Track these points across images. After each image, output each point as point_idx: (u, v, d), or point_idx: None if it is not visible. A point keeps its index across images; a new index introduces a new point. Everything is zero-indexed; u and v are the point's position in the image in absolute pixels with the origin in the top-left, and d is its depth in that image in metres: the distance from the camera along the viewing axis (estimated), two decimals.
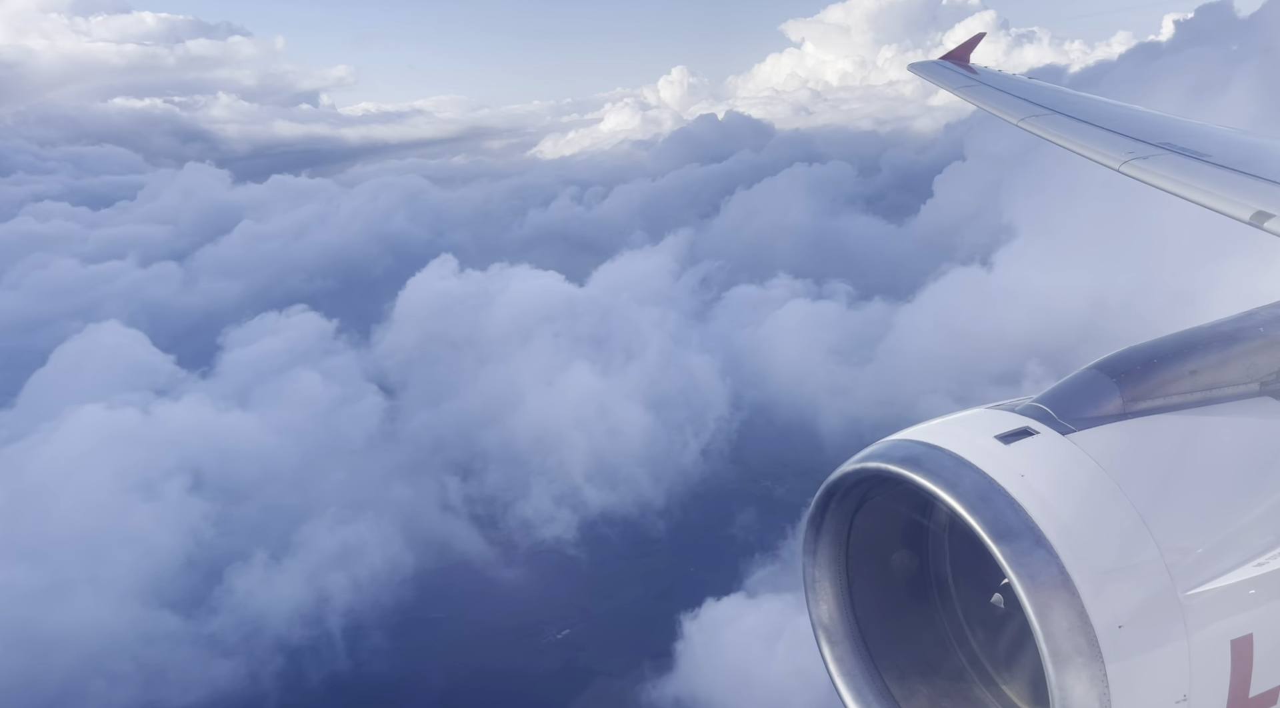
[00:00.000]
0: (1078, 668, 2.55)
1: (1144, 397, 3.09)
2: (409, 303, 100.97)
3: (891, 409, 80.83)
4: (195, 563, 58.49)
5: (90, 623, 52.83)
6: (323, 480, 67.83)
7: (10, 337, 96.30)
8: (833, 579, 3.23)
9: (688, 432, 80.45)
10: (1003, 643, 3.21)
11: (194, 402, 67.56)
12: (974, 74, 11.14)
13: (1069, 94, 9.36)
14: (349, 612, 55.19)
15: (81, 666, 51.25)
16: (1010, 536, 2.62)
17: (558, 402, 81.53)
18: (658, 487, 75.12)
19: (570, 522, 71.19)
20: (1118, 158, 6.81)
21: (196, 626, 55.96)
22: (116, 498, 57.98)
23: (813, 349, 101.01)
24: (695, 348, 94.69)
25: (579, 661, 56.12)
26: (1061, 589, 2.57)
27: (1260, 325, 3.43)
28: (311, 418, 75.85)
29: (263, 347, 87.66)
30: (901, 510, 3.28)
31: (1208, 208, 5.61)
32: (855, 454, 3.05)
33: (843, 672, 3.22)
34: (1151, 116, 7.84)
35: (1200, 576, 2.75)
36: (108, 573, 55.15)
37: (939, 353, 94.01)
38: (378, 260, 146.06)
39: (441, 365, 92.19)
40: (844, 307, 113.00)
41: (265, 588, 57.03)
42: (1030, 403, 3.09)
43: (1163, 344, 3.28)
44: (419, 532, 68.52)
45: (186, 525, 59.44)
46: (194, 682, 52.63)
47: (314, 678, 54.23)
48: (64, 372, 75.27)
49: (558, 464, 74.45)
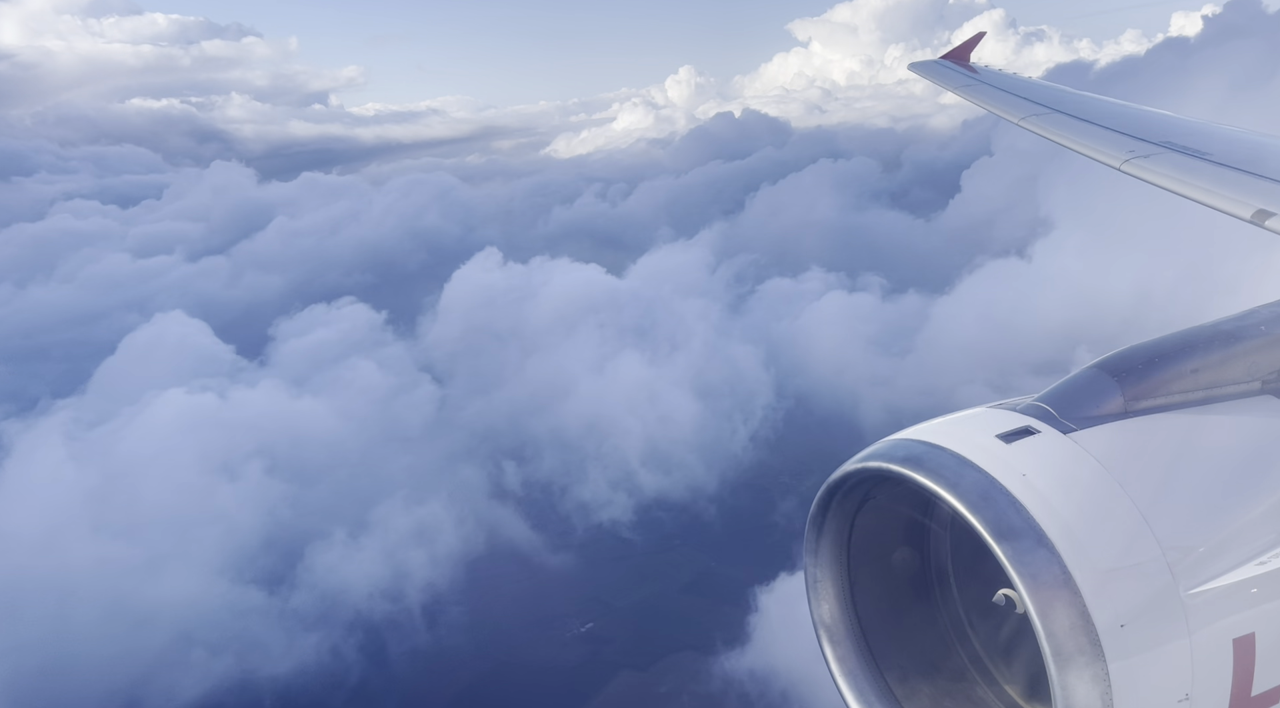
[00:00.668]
0: (1080, 667, 2.56)
1: (1145, 395, 3.10)
2: (454, 295, 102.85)
3: (932, 399, 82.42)
4: (275, 542, 60.46)
5: (182, 597, 54.85)
6: (389, 464, 69.75)
7: (70, 329, 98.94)
8: (834, 579, 3.23)
9: (736, 419, 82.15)
10: (1005, 642, 3.22)
11: (268, 387, 69.62)
12: (974, 73, 11.18)
13: (1069, 93, 9.38)
14: (428, 586, 57.11)
15: (177, 637, 53.27)
16: (1012, 535, 2.63)
17: (608, 390, 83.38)
18: (710, 473, 76.85)
19: (626, 505, 72.95)
20: (1118, 157, 6.80)
21: (280, 601, 57.89)
22: (200, 479, 60.06)
23: (852, 340, 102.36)
24: (737, 339, 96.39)
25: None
26: (1063, 588, 2.57)
27: (1261, 324, 3.42)
28: (371, 405, 77.85)
29: (317, 337, 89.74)
30: (903, 510, 3.28)
31: (1209, 206, 5.61)
32: (856, 453, 3.06)
33: (845, 671, 3.23)
34: (1152, 115, 7.84)
35: (1202, 574, 2.75)
36: (196, 550, 57.17)
37: (979, 343, 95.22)
38: (412, 255, 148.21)
39: (489, 356, 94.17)
40: (879, 299, 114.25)
41: (344, 566, 58.96)
42: (1031, 402, 3.10)
43: (1164, 343, 3.28)
44: (478, 516, 70.46)
45: (266, 506, 61.41)
46: (281, 654, 54.56)
47: (395, 651, 56.15)
48: (133, 359, 77.48)
49: (612, 450, 76.24)
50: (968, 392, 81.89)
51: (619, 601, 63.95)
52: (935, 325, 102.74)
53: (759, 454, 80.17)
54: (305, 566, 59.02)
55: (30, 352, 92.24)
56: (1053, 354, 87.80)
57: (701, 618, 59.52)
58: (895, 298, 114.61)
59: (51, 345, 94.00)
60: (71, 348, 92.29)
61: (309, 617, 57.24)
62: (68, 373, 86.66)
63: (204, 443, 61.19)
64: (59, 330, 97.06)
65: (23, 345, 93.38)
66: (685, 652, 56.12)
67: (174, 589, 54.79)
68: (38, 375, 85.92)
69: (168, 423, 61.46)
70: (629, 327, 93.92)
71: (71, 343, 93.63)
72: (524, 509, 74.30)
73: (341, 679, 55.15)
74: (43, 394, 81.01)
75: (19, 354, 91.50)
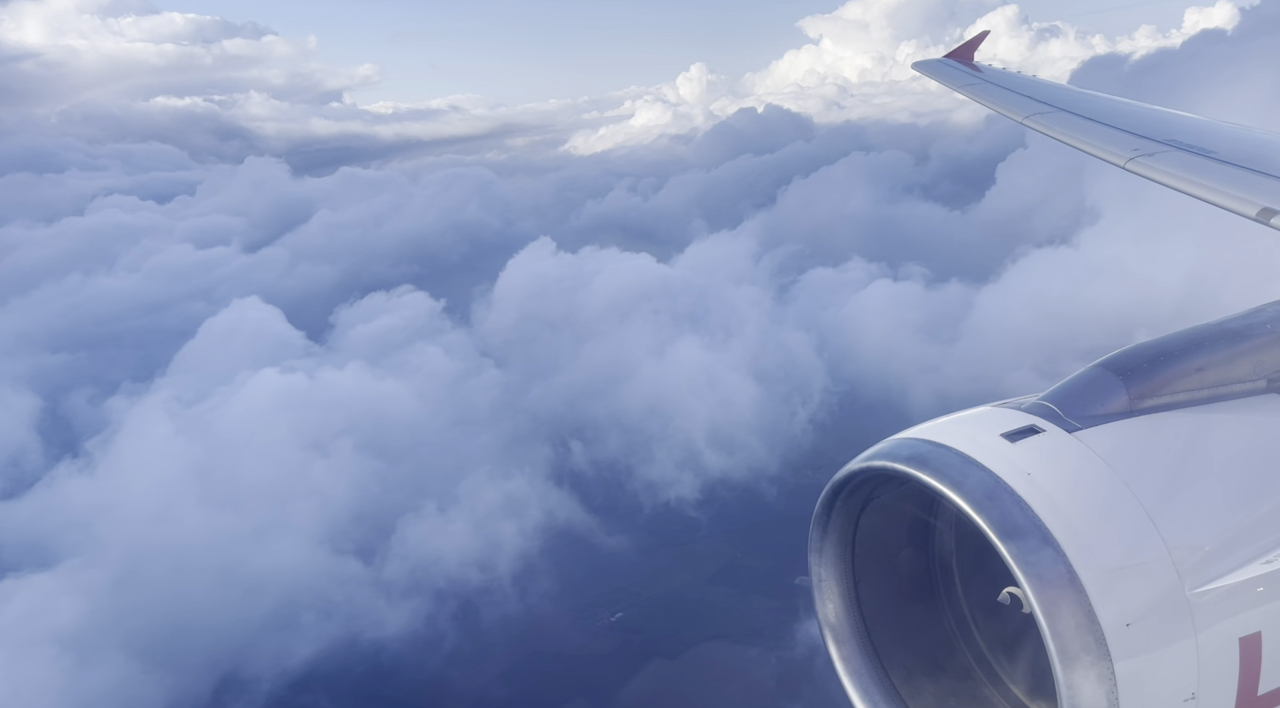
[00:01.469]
0: (1085, 666, 2.55)
1: (1150, 394, 3.08)
2: (508, 284, 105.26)
3: (980, 385, 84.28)
4: (367, 515, 63.01)
5: (286, 565, 57.46)
6: (467, 444, 72.21)
7: (139, 316, 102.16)
8: (839, 578, 3.23)
9: (795, 403, 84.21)
10: (1010, 641, 3.21)
11: (353, 369, 72.30)
12: (978, 72, 11.19)
13: (1073, 91, 9.35)
14: (522, 555, 59.48)
15: (284, 603, 55.88)
16: (1017, 534, 2.63)
17: (667, 374, 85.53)
18: (772, 454, 78.95)
19: (693, 484, 75.13)
20: (1123, 155, 6.79)
21: (375, 570, 60.45)
22: (295, 454, 62.66)
23: (899, 328, 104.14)
24: (789, 325, 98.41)
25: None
26: (1069, 588, 2.57)
27: (1267, 323, 3.41)
28: (442, 388, 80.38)
29: (382, 323, 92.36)
30: (908, 509, 3.27)
31: (1214, 205, 5.58)
32: (861, 453, 3.05)
33: (850, 671, 3.22)
34: (1157, 113, 7.81)
35: (1208, 573, 2.74)
36: (295, 521, 59.77)
37: (1026, 330, 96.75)
38: (454, 247, 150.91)
39: (546, 342, 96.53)
40: (923, 288, 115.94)
41: (434, 539, 61.46)
42: (1036, 401, 3.09)
43: (1169, 342, 3.27)
44: (551, 495, 72.78)
45: (357, 481, 63.96)
46: (380, 619, 57.13)
47: (487, 618, 58.59)
48: (214, 343, 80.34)
49: (677, 431, 78.39)
50: (1016, 377, 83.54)
51: (647, 590, 62.82)
52: (981, 313, 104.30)
53: (817, 438, 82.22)
54: (398, 538, 61.50)
55: (103, 338, 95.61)
56: (1103, 340, 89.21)
57: (732, 607, 60.47)
58: (938, 287, 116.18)
59: (123, 332, 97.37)
60: (143, 335, 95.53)
61: (403, 585, 59.78)
62: (143, 358, 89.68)
63: (297, 420, 63.90)
64: (129, 318, 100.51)
65: (96, 332, 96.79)
66: (716, 641, 56.11)
67: (279, 558, 57.39)
68: (115, 361, 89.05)
69: (262, 401, 64.21)
70: (683, 313, 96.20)
71: (142, 330, 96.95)
72: (593, 489, 76.58)
73: (437, 644, 57.69)
74: (123, 378, 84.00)
75: (93, 340, 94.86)
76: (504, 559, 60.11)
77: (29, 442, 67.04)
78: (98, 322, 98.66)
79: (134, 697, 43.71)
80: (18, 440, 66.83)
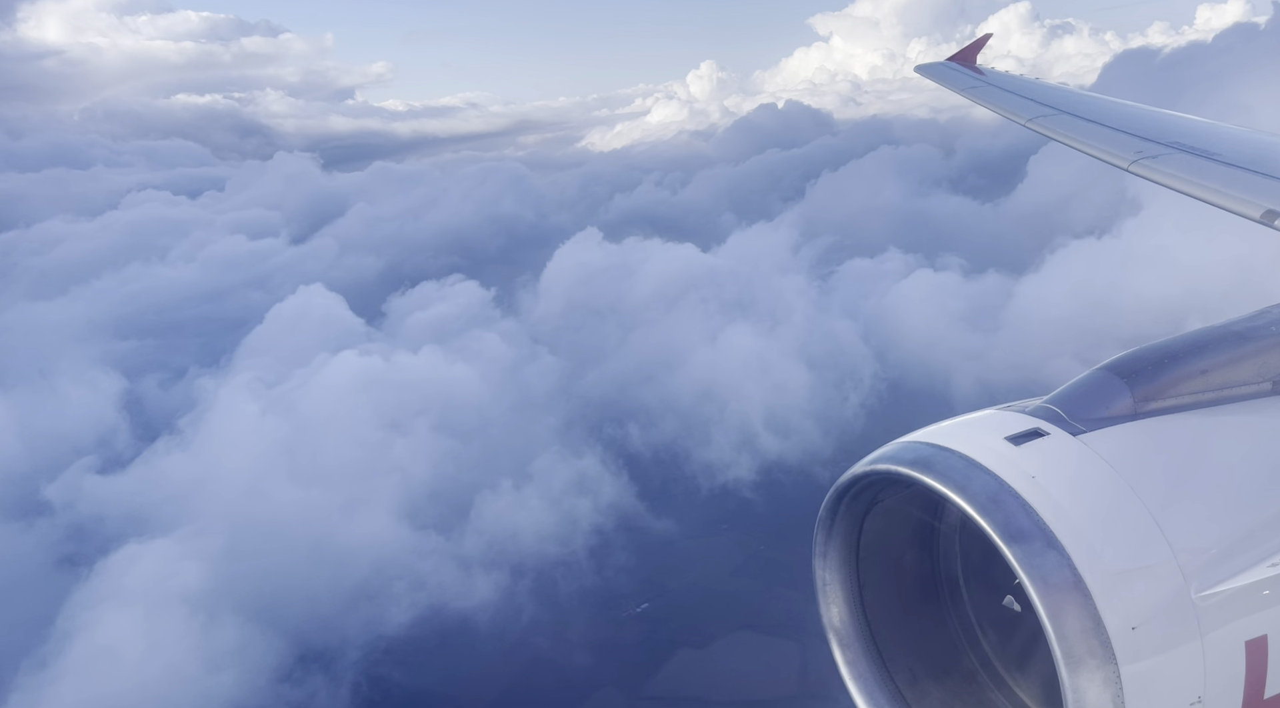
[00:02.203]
0: (1091, 670, 2.55)
1: (1155, 397, 3.08)
2: (555, 274, 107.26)
3: (1023, 373, 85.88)
4: (445, 492, 65.13)
5: (372, 539, 59.62)
6: (533, 426, 74.24)
7: (198, 305, 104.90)
8: (843, 582, 3.23)
9: (847, 387, 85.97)
10: (1015, 645, 3.21)
11: (428, 353, 74.64)
12: (981, 75, 11.20)
13: (1075, 94, 9.43)
14: (599, 530, 61.51)
15: (372, 574, 58.03)
16: (1022, 537, 2.63)
17: (720, 360, 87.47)
18: (827, 438, 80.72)
19: (750, 466, 76.98)
20: (1126, 157, 6.76)
21: (454, 545, 62.53)
22: (375, 433, 64.82)
23: (941, 317, 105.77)
24: (834, 314, 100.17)
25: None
26: (1074, 591, 2.57)
27: (1272, 325, 3.40)
28: (501, 372, 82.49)
29: (437, 311, 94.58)
30: (912, 513, 3.27)
31: (1218, 206, 5.55)
32: (865, 456, 3.06)
33: (854, 675, 3.22)
34: (1159, 116, 7.78)
35: (1214, 576, 2.74)
36: (378, 497, 61.95)
37: (1070, 319, 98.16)
38: (492, 240, 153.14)
39: (597, 329, 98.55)
40: (962, 278, 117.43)
41: (512, 515, 63.55)
42: (1040, 404, 3.09)
43: (1174, 344, 3.26)
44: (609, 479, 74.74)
45: (433, 459, 66.08)
46: (463, 592, 59.22)
47: (565, 591, 60.59)
48: (282, 328, 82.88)
49: (733, 415, 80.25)
50: (1058, 364, 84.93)
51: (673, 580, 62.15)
52: (1022, 302, 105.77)
53: (869, 423, 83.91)
54: (476, 512, 63.60)
55: (165, 326, 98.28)
56: (1149, 327, 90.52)
57: (755, 598, 61.30)
58: (976, 278, 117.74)
59: (183, 320, 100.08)
60: (202, 323, 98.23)
61: (483, 559, 61.86)
62: (205, 345, 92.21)
63: (376, 401, 66.16)
64: (188, 307, 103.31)
65: (157, 320, 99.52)
66: (743, 631, 56.17)
67: (365, 532, 59.54)
68: (178, 348, 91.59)
69: (342, 382, 66.50)
70: (730, 302, 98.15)
71: (201, 318, 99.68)
72: (650, 471, 78.50)
73: (516, 615, 59.73)
74: (189, 364, 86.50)
75: (155, 328, 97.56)
76: (580, 534, 62.14)
77: (119, 421, 69.76)
78: (158, 310, 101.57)
79: (255, 658, 45.98)
80: (108, 420, 69.69)
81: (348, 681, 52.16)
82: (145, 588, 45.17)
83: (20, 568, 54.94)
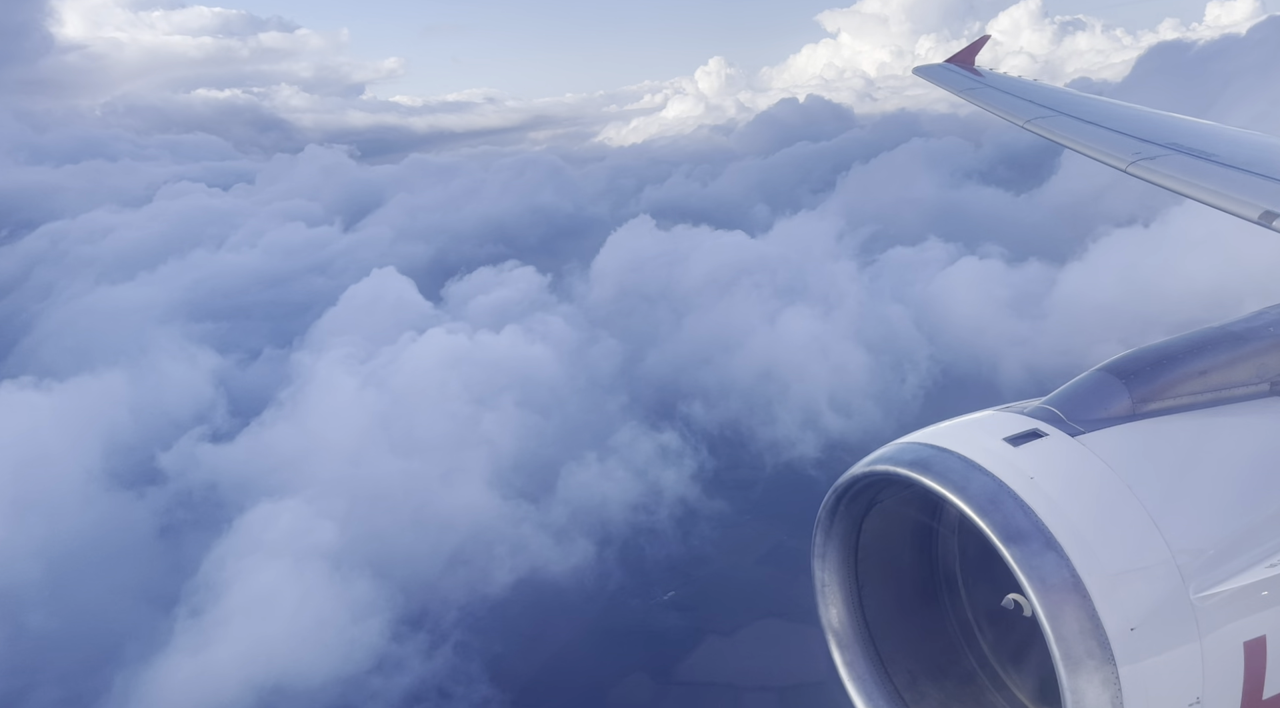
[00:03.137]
0: (1090, 671, 2.56)
1: (1153, 398, 3.12)
2: (608, 260, 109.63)
3: (1069, 358, 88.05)
4: (531, 463, 67.70)
5: (468, 506, 62.21)
6: (607, 403, 76.75)
7: (264, 290, 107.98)
8: (842, 583, 3.26)
9: (905, 369, 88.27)
10: (1014, 646, 3.26)
11: (509, 333, 77.37)
12: (979, 76, 11.20)
13: (1073, 95, 9.43)
14: (681, 501, 63.96)
15: (469, 539, 60.62)
16: (1020, 538, 2.65)
17: (779, 343, 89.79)
18: (887, 418, 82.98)
19: (815, 443, 79.32)
20: (1124, 159, 6.78)
21: (542, 513, 65.09)
22: (464, 407, 67.40)
23: (987, 303, 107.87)
24: (885, 299, 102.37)
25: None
26: (1072, 592, 2.58)
27: (1270, 325, 3.45)
28: (567, 354, 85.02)
29: (499, 295, 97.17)
30: (911, 513, 3.32)
31: (1216, 207, 5.56)
32: (863, 457, 3.07)
33: (853, 676, 3.25)
34: (1158, 117, 7.80)
35: (1212, 577, 2.75)
36: (471, 467, 64.54)
37: (1116, 305, 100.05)
38: (532, 229, 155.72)
39: (653, 314, 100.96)
40: (1005, 267, 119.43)
41: (598, 485, 66.10)
42: (1039, 405, 3.13)
43: (1172, 345, 3.29)
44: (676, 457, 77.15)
45: (519, 433, 68.66)
46: (556, 557, 61.75)
47: (651, 559, 63.09)
48: (359, 309, 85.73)
49: (796, 396, 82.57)
50: (1104, 349, 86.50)
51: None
52: (1067, 289, 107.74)
53: (926, 404, 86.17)
54: (563, 483, 66.16)
55: (234, 310, 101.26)
56: (1200, 313, 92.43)
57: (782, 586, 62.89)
58: (1018, 266, 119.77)
59: (250, 305, 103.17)
60: (269, 307, 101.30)
61: (571, 527, 64.42)
62: (274, 328, 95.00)
63: (463, 377, 68.77)
64: (254, 291, 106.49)
65: (225, 304, 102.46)
66: (769, 619, 56.37)
67: (461, 500, 62.17)
68: (250, 330, 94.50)
69: (431, 359, 69.16)
70: (783, 287, 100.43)
71: (268, 302, 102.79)
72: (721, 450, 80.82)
73: (605, 580, 62.19)
74: (263, 345, 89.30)
75: (224, 312, 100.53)
76: (666, 503, 64.59)
77: (216, 396, 72.58)
78: (225, 295, 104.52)
79: (380, 613, 48.65)
80: (207, 395, 72.53)
81: (452, 639, 54.79)
82: (287, 543, 47.88)
83: (139, 532, 57.77)
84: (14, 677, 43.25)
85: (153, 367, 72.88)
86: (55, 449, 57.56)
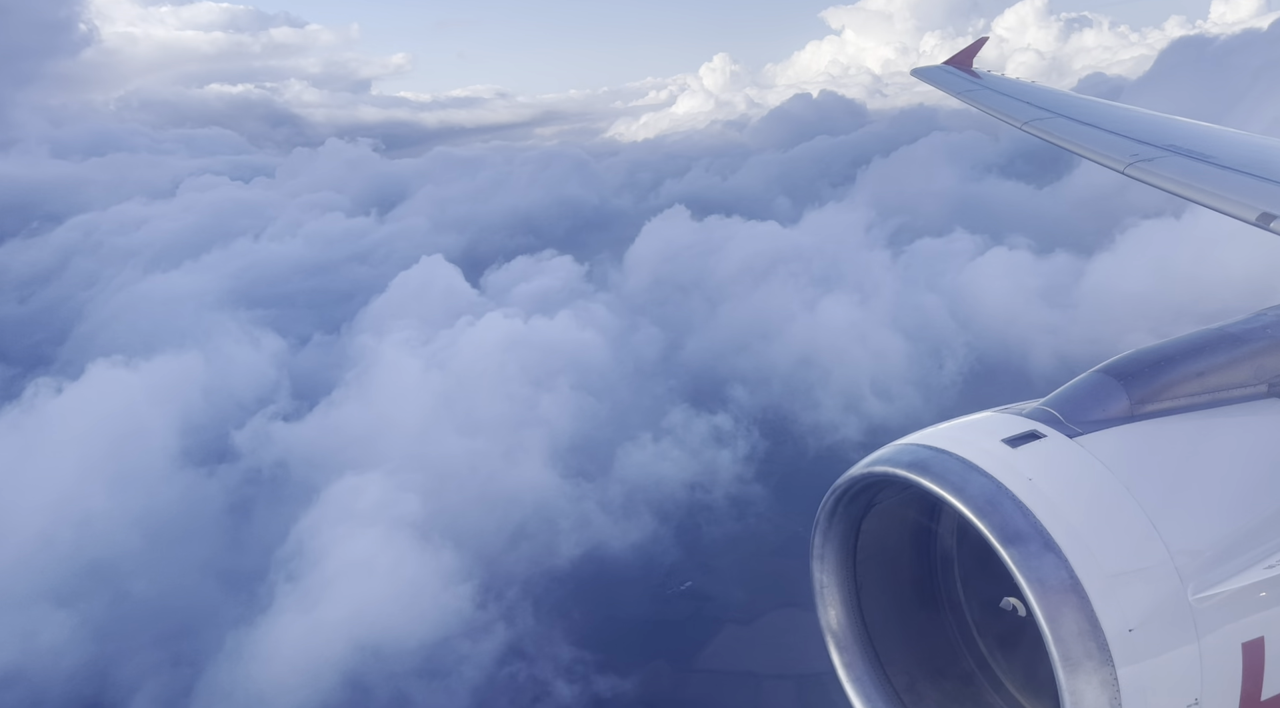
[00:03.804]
0: (1088, 672, 2.56)
1: (1151, 399, 3.12)
2: (644, 249, 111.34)
3: (1099, 347, 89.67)
4: (587, 444, 69.53)
5: (528, 484, 64.08)
6: (653, 387, 78.53)
7: (307, 278, 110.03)
8: (841, 584, 3.27)
9: (943, 355, 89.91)
10: (1012, 647, 3.26)
11: (565, 318, 79.24)
12: (977, 78, 11.18)
13: (1071, 97, 9.47)
14: (739, 478, 65.73)
15: (532, 515, 62.50)
16: (1019, 539, 2.65)
17: (817, 330, 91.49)
18: (928, 404, 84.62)
19: (858, 426, 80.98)
20: (1122, 160, 6.78)
21: (600, 491, 66.93)
22: (522, 389, 69.25)
23: (1018, 293, 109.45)
24: (918, 288, 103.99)
25: None
26: (1071, 593, 2.59)
27: (1268, 327, 3.45)
28: (611, 340, 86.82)
29: (540, 283, 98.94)
30: (909, 515, 3.32)
31: (1213, 209, 5.56)
32: (862, 459, 3.07)
33: (852, 678, 3.25)
34: (1155, 119, 7.79)
35: (1210, 578, 2.75)
36: (531, 446, 66.40)
37: (1147, 295, 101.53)
38: (559, 221, 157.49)
39: (686, 303, 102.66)
40: (1034, 258, 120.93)
41: (653, 465, 67.88)
42: (1037, 406, 3.13)
43: (1170, 347, 3.30)
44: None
45: (575, 414, 70.49)
46: (615, 532, 63.61)
47: (710, 535, 64.91)
48: (408, 295, 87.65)
49: (838, 381, 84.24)
50: (1133, 338, 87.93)
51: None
52: (1097, 280, 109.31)
53: (964, 390, 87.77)
54: (619, 462, 67.95)
55: (279, 297, 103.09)
56: (1234, 302, 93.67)
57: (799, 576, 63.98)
58: (1046, 257, 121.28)
59: (294, 292, 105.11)
60: (313, 294, 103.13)
61: (628, 505, 66.26)
62: (320, 315, 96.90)
63: (520, 360, 70.64)
64: (297, 280, 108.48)
65: (271, 292, 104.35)
66: (787, 609, 56.55)
67: (523, 478, 64.05)
68: (296, 317, 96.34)
69: (489, 342, 71.02)
70: (818, 276, 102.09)
71: (312, 290, 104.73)
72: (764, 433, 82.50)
73: (658, 558, 64.00)
74: (312, 331, 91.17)
75: (269, 299, 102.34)
76: (722, 481, 66.36)
77: (281, 377, 74.56)
78: (269, 283, 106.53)
79: (468, 584, 50.57)
80: (271, 377, 74.47)
81: (528, 607, 56.66)
82: (376, 513, 49.76)
83: (215, 506, 59.74)
84: (119, 640, 45.34)
85: (217, 350, 75.02)
86: (145, 425, 59.58)
